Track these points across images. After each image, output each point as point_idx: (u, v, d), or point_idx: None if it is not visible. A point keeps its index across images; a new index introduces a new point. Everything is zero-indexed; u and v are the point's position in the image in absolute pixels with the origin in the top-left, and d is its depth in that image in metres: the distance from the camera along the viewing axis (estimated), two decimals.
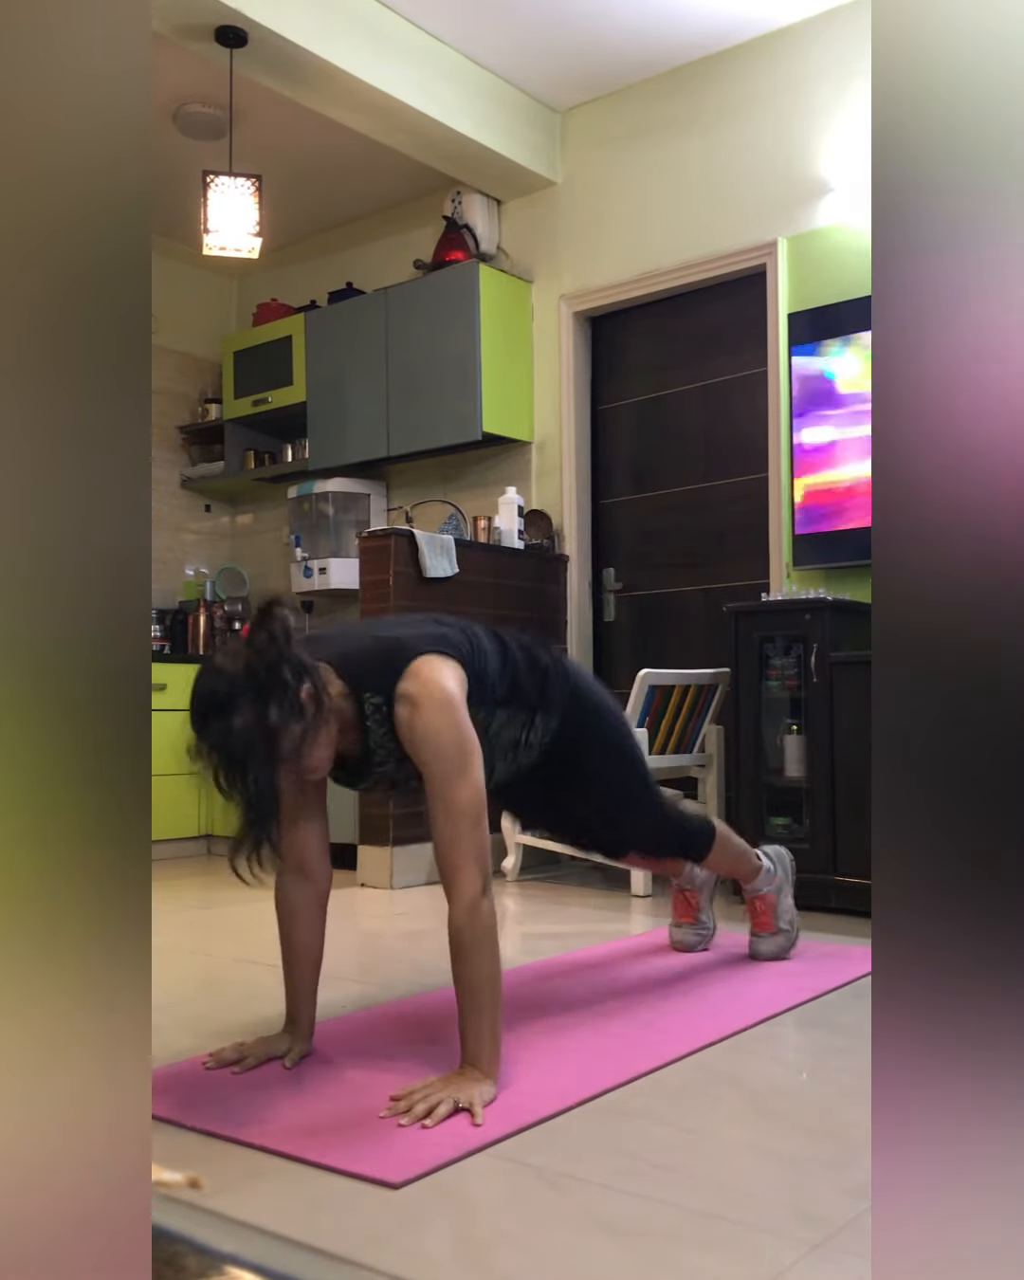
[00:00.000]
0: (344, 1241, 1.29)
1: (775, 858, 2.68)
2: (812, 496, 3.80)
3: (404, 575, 3.88)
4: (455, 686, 1.80)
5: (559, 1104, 1.69)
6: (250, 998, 2.38)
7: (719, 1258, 1.24)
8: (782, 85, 4.03)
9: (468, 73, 4.20)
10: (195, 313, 5.67)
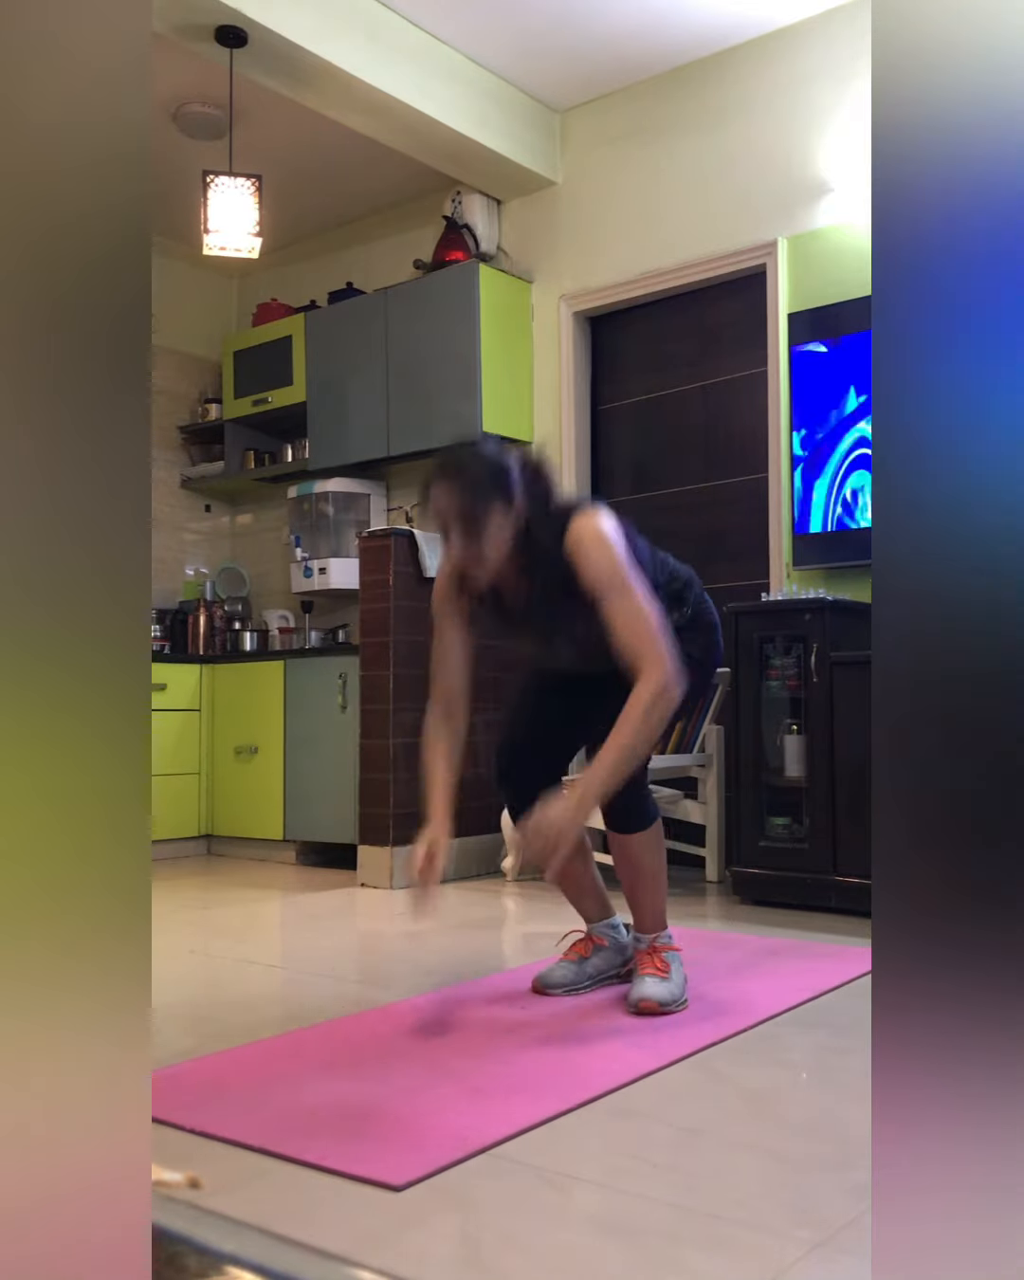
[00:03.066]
0: (344, 1242, 1.29)
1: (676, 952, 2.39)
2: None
3: (404, 575, 3.88)
4: (613, 529, 2.14)
5: (559, 1104, 1.69)
6: (250, 998, 2.37)
7: (719, 1258, 1.24)
8: (782, 85, 4.03)
9: (468, 73, 4.20)
10: (195, 313, 5.67)
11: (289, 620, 5.32)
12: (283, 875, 4.24)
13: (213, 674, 4.92)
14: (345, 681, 4.41)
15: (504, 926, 3.22)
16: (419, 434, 4.62)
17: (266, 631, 5.29)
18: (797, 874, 3.35)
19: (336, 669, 4.45)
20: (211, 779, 4.90)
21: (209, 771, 4.90)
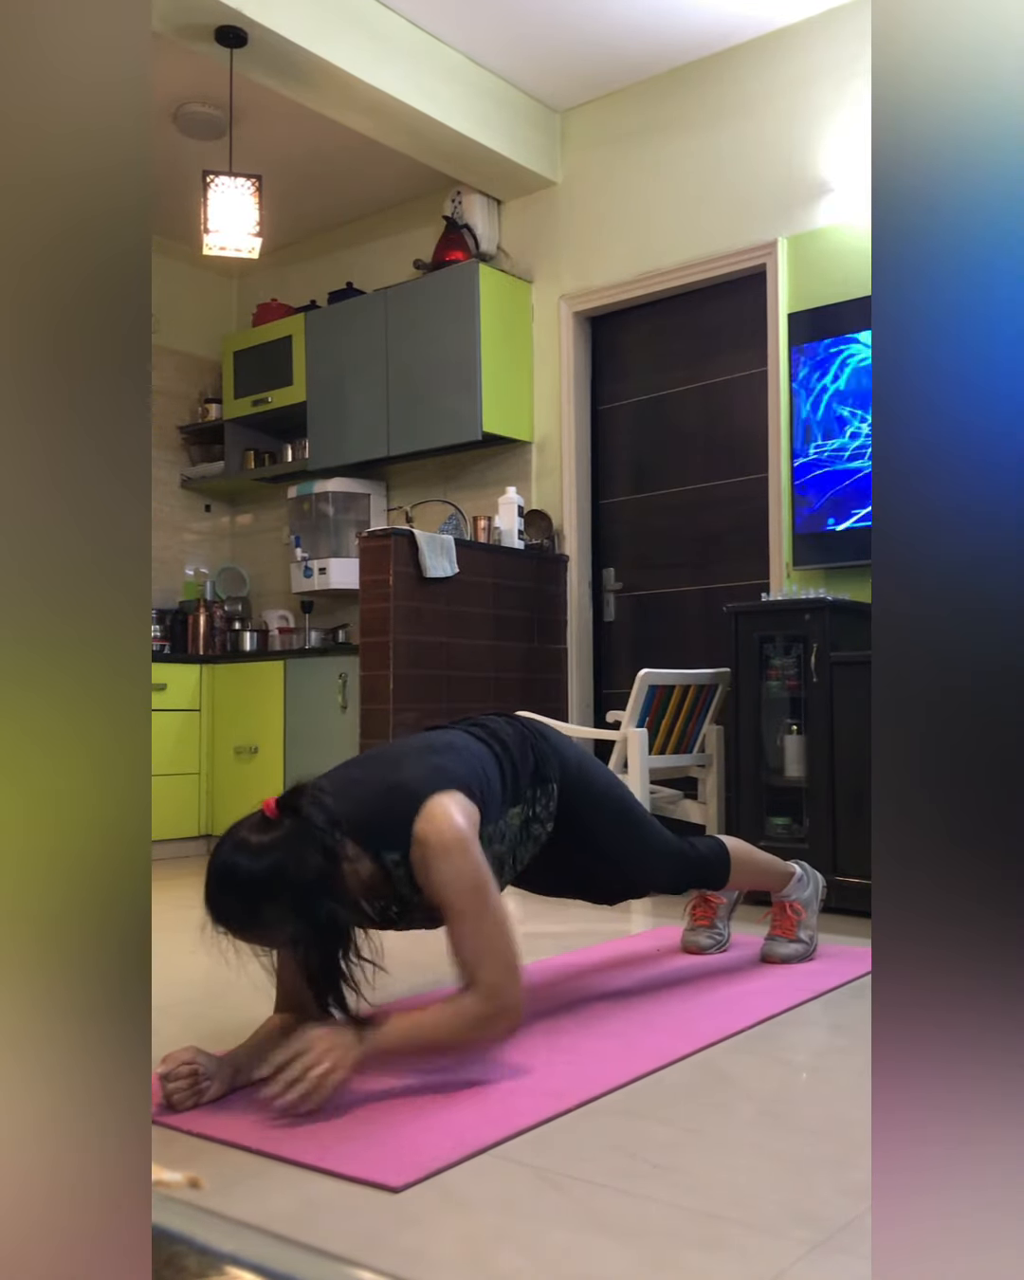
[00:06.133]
0: (344, 1242, 1.29)
1: (808, 871, 2.67)
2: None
3: (404, 575, 3.88)
4: (464, 822, 1.80)
5: (559, 1104, 1.69)
6: (250, 998, 2.37)
7: (719, 1258, 1.23)
8: (782, 85, 4.03)
9: (468, 72, 4.20)
10: (195, 313, 5.67)
11: (289, 620, 5.32)
12: None
13: (213, 674, 4.92)
14: (345, 681, 4.41)
15: None
16: (419, 434, 4.62)
17: (266, 631, 5.29)
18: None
19: (336, 669, 4.45)
20: (211, 779, 4.90)
21: (209, 771, 4.90)
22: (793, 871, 2.62)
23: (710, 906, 2.75)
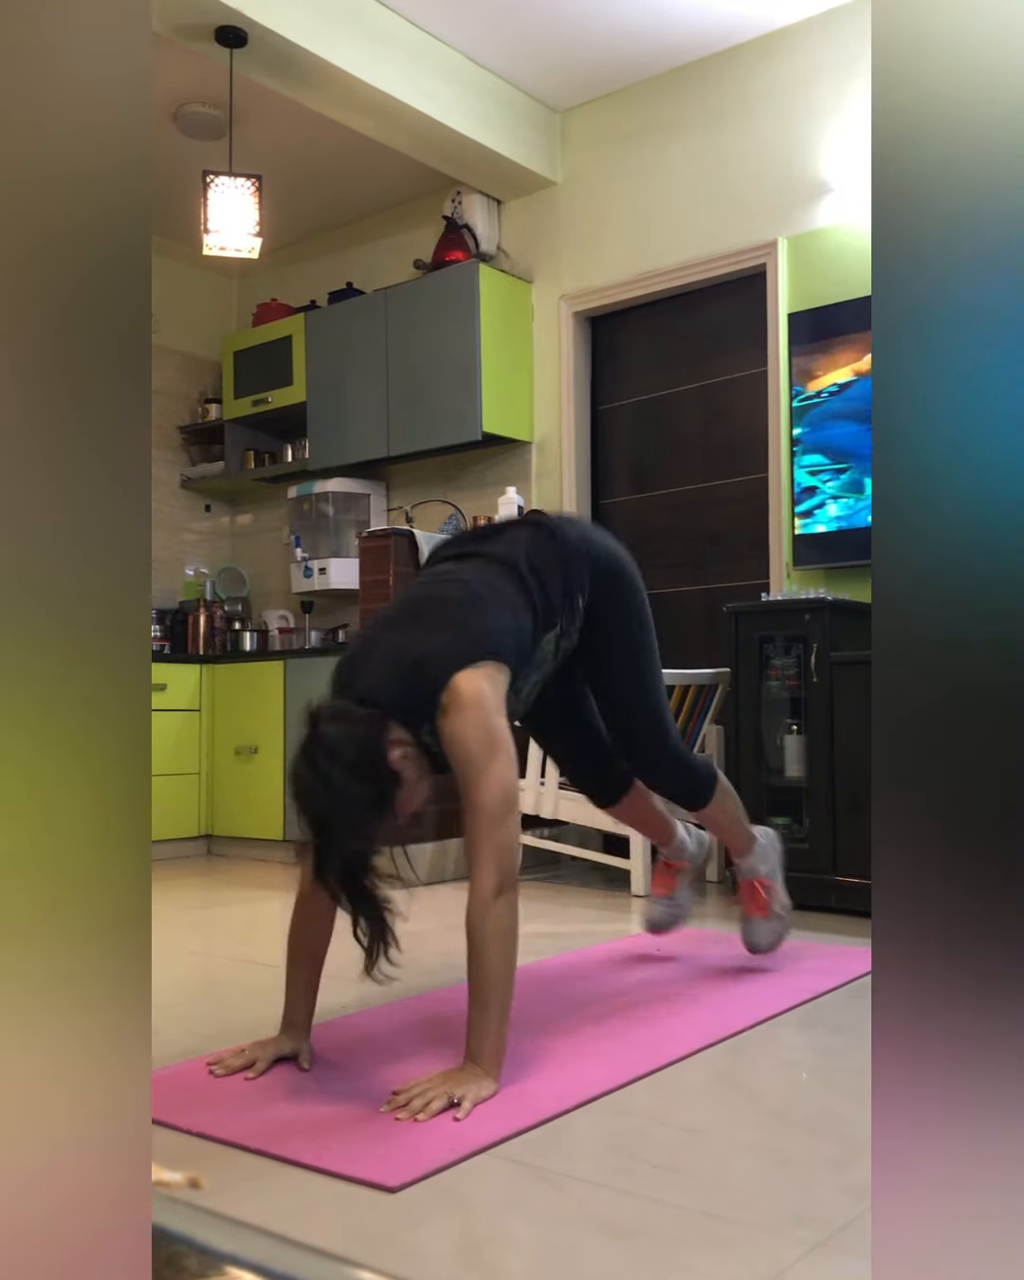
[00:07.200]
0: (344, 1242, 1.29)
1: (766, 838, 2.62)
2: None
3: (404, 575, 3.88)
4: (489, 688, 1.84)
5: (559, 1104, 1.69)
6: (250, 998, 2.37)
7: (719, 1258, 1.24)
8: (782, 85, 4.03)
9: (468, 72, 4.21)
10: (195, 313, 5.67)
11: (289, 620, 5.32)
12: (283, 875, 4.23)
13: (213, 674, 4.92)
14: None
15: None
16: (419, 434, 4.62)
17: (266, 631, 5.29)
18: (796, 874, 3.35)
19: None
20: (211, 779, 4.90)
21: (209, 771, 4.90)
22: (754, 838, 2.57)
23: (670, 872, 2.71)
